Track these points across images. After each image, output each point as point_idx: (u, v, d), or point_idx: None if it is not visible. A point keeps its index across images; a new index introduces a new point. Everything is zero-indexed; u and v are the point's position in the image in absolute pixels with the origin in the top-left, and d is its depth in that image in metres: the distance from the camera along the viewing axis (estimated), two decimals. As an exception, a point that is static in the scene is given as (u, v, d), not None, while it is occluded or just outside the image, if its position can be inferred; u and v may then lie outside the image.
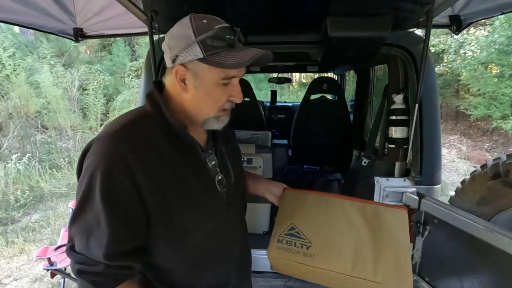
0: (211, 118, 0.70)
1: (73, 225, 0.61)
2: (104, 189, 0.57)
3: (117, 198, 0.59)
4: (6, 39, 5.35)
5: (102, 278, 0.60)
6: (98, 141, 0.62)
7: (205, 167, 0.74)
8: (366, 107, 2.43)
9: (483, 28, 6.62)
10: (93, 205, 0.58)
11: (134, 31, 1.79)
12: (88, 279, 0.60)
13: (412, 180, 1.38)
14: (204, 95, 0.67)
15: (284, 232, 0.83)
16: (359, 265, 0.77)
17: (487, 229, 0.84)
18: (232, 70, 0.65)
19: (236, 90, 0.68)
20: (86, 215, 0.59)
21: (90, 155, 0.61)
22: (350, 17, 1.15)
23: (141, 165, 0.60)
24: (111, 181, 0.58)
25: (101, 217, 0.58)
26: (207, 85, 0.66)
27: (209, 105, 0.68)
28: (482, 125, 6.93)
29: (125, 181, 0.59)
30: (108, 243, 0.58)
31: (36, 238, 3.21)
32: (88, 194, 0.59)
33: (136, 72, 8.29)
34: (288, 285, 1.44)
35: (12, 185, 4.22)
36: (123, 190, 0.59)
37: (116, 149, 0.60)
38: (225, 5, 1.16)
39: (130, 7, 1.18)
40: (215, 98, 0.67)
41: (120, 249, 0.60)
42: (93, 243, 0.59)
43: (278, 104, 4.13)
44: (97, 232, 0.58)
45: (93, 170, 0.58)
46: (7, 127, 5.20)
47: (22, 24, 1.51)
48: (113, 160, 0.59)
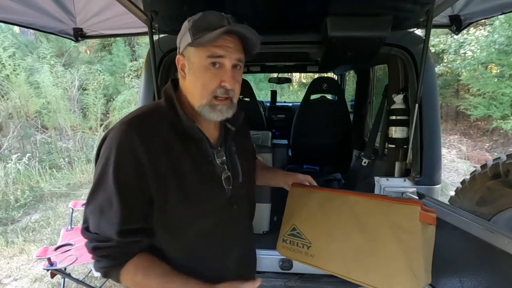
0: (205, 106, 0.70)
1: (88, 206, 0.67)
2: (116, 172, 0.63)
3: (127, 181, 0.64)
4: (6, 39, 5.34)
5: (114, 252, 0.65)
6: (114, 130, 0.67)
7: (212, 162, 0.75)
8: (366, 107, 2.43)
9: (483, 28, 6.62)
10: (106, 187, 0.64)
11: (134, 31, 1.79)
12: (102, 254, 0.65)
13: (412, 180, 1.38)
14: (195, 79, 0.69)
15: (287, 233, 0.87)
16: (356, 267, 0.77)
17: (487, 229, 0.84)
18: (215, 48, 0.66)
19: (227, 75, 0.68)
20: (99, 196, 0.65)
21: (106, 143, 0.67)
22: (350, 17, 1.15)
23: (147, 154, 0.65)
24: (121, 165, 0.63)
25: (113, 197, 0.63)
26: (197, 68, 0.68)
27: (200, 89, 0.69)
28: (482, 125, 6.93)
29: (133, 166, 0.64)
30: (119, 221, 0.63)
31: (36, 238, 3.21)
32: (102, 177, 0.64)
33: (136, 72, 8.28)
34: (288, 285, 1.44)
35: (12, 185, 4.22)
36: (131, 174, 0.64)
37: (127, 137, 0.65)
38: (225, 5, 1.16)
39: (130, 7, 1.18)
40: (204, 81, 0.68)
41: (130, 227, 0.65)
42: (105, 221, 0.64)
43: (278, 104, 4.13)
44: (109, 211, 0.64)
45: (108, 155, 0.64)
46: (7, 127, 5.20)
47: (22, 24, 1.51)
48: (124, 147, 0.64)
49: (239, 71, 0.73)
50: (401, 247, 0.72)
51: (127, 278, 0.66)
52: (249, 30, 0.68)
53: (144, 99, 1.51)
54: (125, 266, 0.66)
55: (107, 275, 0.68)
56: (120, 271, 0.66)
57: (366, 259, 0.76)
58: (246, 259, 0.91)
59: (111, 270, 0.67)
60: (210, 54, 0.67)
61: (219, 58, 0.67)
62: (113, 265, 0.66)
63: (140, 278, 0.66)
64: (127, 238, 0.65)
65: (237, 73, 0.71)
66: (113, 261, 0.66)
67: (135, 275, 0.66)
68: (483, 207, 1.48)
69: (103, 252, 0.65)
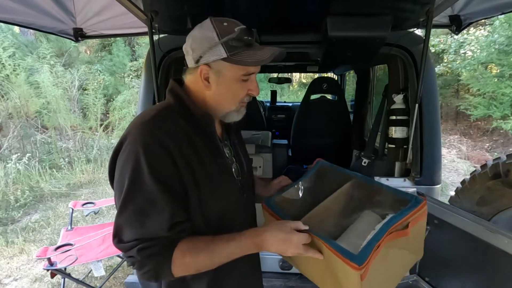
0: (232, 111, 0.78)
1: (121, 216, 0.65)
2: (151, 170, 0.63)
3: (165, 177, 0.65)
4: (6, 39, 5.34)
5: (163, 246, 0.65)
6: (131, 135, 0.67)
7: (223, 155, 0.80)
8: (366, 107, 2.43)
9: (483, 28, 6.62)
10: (144, 188, 0.63)
11: (134, 31, 1.79)
12: (150, 253, 0.64)
13: (412, 180, 1.38)
14: (226, 90, 0.74)
15: None
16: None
17: (487, 229, 0.84)
18: (251, 67, 0.72)
19: (254, 85, 0.76)
20: (137, 200, 0.64)
21: (126, 148, 0.66)
22: (350, 17, 1.15)
23: (175, 147, 0.67)
24: (155, 162, 0.64)
25: (156, 196, 0.63)
26: (229, 81, 0.73)
27: (231, 99, 0.76)
28: (482, 125, 6.93)
29: (167, 160, 0.65)
30: (168, 217, 0.64)
31: (36, 238, 3.21)
32: (135, 180, 0.63)
33: (136, 72, 8.28)
34: (288, 285, 1.44)
35: (12, 185, 4.22)
36: (167, 168, 0.65)
37: (152, 134, 0.66)
38: (225, 6, 1.16)
39: (130, 7, 1.18)
40: (236, 93, 0.75)
41: (178, 220, 0.66)
42: (150, 222, 0.64)
43: (278, 104, 4.13)
44: (153, 211, 0.64)
45: (136, 157, 0.63)
46: (7, 127, 5.20)
47: (22, 24, 1.51)
48: (152, 144, 0.65)
49: None
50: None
51: (178, 265, 0.66)
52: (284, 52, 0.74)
53: (144, 99, 1.51)
54: (173, 255, 0.66)
55: (158, 275, 0.66)
56: (171, 261, 0.65)
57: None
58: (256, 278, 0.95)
59: (161, 266, 0.66)
60: (246, 72, 0.72)
61: (251, 74, 0.74)
62: (163, 260, 0.65)
63: (188, 258, 0.66)
64: (174, 231, 0.66)
65: None
66: (162, 255, 0.65)
67: (183, 257, 0.66)
68: (483, 207, 1.48)
69: (151, 251, 0.64)
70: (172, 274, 0.66)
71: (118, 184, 0.66)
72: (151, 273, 0.65)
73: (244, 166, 0.88)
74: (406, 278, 1.13)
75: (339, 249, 0.68)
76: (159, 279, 0.67)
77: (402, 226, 0.73)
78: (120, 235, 0.65)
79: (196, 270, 0.69)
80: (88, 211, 2.41)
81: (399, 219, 0.73)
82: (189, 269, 0.68)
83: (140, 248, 0.63)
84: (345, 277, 0.69)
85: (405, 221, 0.73)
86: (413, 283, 1.11)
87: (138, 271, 0.66)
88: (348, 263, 0.65)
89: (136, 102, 5.19)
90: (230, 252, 0.69)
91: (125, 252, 0.65)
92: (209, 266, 0.69)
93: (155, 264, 0.65)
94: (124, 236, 0.65)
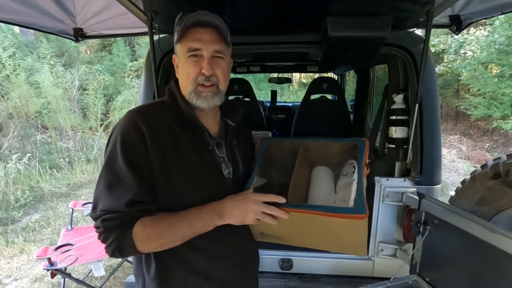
0: (191, 93, 0.77)
1: (96, 190, 0.70)
2: (123, 150, 0.68)
3: (134, 157, 0.69)
4: (6, 39, 5.35)
5: (122, 219, 0.67)
6: (119, 121, 0.74)
7: (211, 151, 0.81)
8: (366, 107, 2.43)
9: (483, 28, 6.62)
10: (115, 165, 0.68)
11: (134, 31, 1.79)
12: (110, 225, 0.67)
13: (412, 180, 1.38)
14: (182, 71, 0.79)
15: (256, 234, 0.89)
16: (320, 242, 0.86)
17: (488, 229, 0.84)
18: (190, 42, 0.74)
19: (204, 63, 0.75)
20: (108, 176, 0.69)
21: (114, 132, 0.73)
22: (350, 17, 1.15)
23: (150, 133, 0.71)
24: (127, 143, 0.69)
25: (123, 173, 0.68)
26: (181, 62, 0.78)
27: (185, 79, 0.78)
28: (482, 125, 6.93)
29: (139, 143, 0.70)
30: (128, 194, 0.67)
31: (36, 238, 3.21)
32: (110, 159, 0.69)
33: (136, 72, 8.29)
34: (288, 285, 1.44)
35: (12, 185, 4.23)
36: (138, 150, 0.70)
37: (131, 119, 0.72)
38: (225, 6, 1.15)
39: (130, 7, 1.18)
40: (188, 72, 0.77)
41: (138, 199, 0.68)
42: (113, 196, 0.67)
43: (278, 104, 4.13)
44: (117, 186, 0.68)
45: (115, 139, 0.70)
46: (7, 127, 5.20)
47: (22, 24, 1.51)
48: (128, 128, 0.71)
49: (222, 59, 0.78)
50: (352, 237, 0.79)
51: (139, 237, 0.68)
52: (214, 17, 0.75)
53: (144, 99, 1.51)
54: (134, 228, 0.68)
55: (121, 249, 0.68)
56: (132, 233, 0.67)
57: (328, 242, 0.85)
58: (249, 252, 0.92)
59: (122, 239, 0.67)
60: (188, 48, 0.75)
61: (196, 50, 0.75)
62: (122, 233, 0.67)
63: (150, 230, 0.68)
64: (135, 208, 0.68)
65: (218, 61, 0.77)
66: (121, 228, 0.67)
67: (145, 229, 0.68)
68: (483, 207, 1.48)
69: (112, 224, 0.67)
70: (136, 248, 0.68)
71: (103, 163, 0.73)
72: (114, 245, 0.67)
73: (240, 169, 0.87)
74: (406, 278, 1.13)
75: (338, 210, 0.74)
76: (124, 253, 0.69)
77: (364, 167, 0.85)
78: (95, 206, 0.70)
79: (159, 244, 0.70)
80: (88, 211, 2.41)
81: (362, 162, 0.84)
82: (151, 241, 0.69)
83: (103, 219, 0.67)
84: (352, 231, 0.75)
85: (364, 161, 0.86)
86: (413, 283, 1.11)
87: (104, 244, 0.69)
88: (352, 217, 0.71)
89: (136, 102, 5.19)
90: (191, 221, 0.71)
91: (95, 222, 0.69)
92: (171, 237, 0.70)
93: (116, 236, 0.67)
94: (97, 208, 0.69)
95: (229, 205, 0.74)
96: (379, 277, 1.44)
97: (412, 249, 1.16)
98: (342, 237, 0.79)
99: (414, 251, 1.14)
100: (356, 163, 0.86)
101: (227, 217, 0.73)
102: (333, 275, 1.49)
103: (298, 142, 1.00)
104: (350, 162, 0.92)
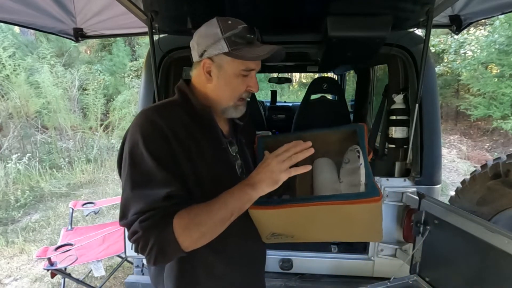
0: (230, 107, 0.79)
1: (124, 195, 0.67)
2: (147, 148, 0.66)
3: (160, 152, 0.67)
4: (6, 39, 5.34)
5: (161, 215, 0.64)
6: (132, 123, 0.72)
7: (226, 150, 0.81)
8: (366, 107, 2.43)
9: (483, 28, 6.62)
10: (141, 165, 0.66)
11: (134, 31, 1.79)
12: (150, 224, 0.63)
13: (412, 180, 1.38)
14: (226, 84, 0.77)
15: (267, 236, 0.88)
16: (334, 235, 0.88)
17: (487, 229, 0.84)
18: (251, 63, 0.75)
19: (253, 81, 0.78)
20: (136, 178, 0.66)
21: (129, 135, 0.70)
22: (350, 17, 1.15)
23: (171, 132, 0.70)
24: (150, 140, 0.67)
25: (151, 170, 0.65)
26: (229, 75, 0.76)
27: (229, 93, 0.78)
28: (482, 125, 6.93)
29: (161, 138, 0.68)
30: (164, 189, 0.64)
31: (36, 238, 3.21)
32: (134, 160, 0.67)
33: (136, 72, 8.28)
34: (288, 285, 1.44)
35: (12, 185, 4.23)
36: (162, 145, 0.68)
37: (147, 117, 0.71)
38: (225, 5, 1.15)
39: (130, 7, 1.18)
40: (235, 88, 0.77)
41: (173, 193, 0.65)
42: (146, 194, 0.65)
43: (278, 104, 4.13)
44: (149, 184, 0.65)
45: (134, 138, 0.68)
46: (7, 127, 5.20)
47: (22, 24, 1.51)
48: (146, 124, 0.69)
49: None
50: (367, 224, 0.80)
51: (180, 231, 0.63)
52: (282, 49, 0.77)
53: (144, 99, 1.51)
54: (173, 221, 0.64)
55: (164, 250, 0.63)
56: (173, 227, 0.63)
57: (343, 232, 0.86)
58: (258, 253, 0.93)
59: (164, 236, 0.63)
60: (246, 68, 0.75)
61: (252, 70, 0.77)
62: (163, 228, 0.63)
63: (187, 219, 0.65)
64: (173, 202, 0.65)
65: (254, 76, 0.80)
66: (162, 224, 0.63)
67: (182, 219, 0.64)
68: (483, 207, 1.48)
69: (151, 222, 0.62)
70: (178, 244, 0.63)
71: (123, 168, 0.70)
72: (157, 247, 0.62)
73: (250, 167, 0.87)
74: (406, 278, 1.13)
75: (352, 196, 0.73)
76: (167, 254, 0.64)
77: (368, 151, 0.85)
78: (125, 213, 0.66)
79: (201, 234, 0.65)
80: (88, 211, 2.41)
81: (365, 146, 0.84)
82: (192, 232, 0.64)
83: (141, 220, 0.63)
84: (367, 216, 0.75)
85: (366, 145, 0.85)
86: (413, 283, 1.11)
87: (144, 252, 0.64)
88: (368, 201, 0.70)
89: (136, 102, 5.19)
90: (225, 201, 0.68)
91: (129, 228, 0.65)
92: (211, 223, 0.66)
93: (157, 235, 0.62)
94: (128, 213, 0.66)
95: (254, 174, 0.71)
96: (379, 277, 1.44)
97: (412, 249, 1.16)
98: (357, 224, 0.79)
99: (414, 251, 1.14)
100: (359, 147, 0.85)
101: (258, 183, 0.69)
102: (333, 275, 1.49)
103: (295, 136, 1.00)
104: (353, 147, 0.90)
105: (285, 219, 0.80)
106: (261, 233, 0.87)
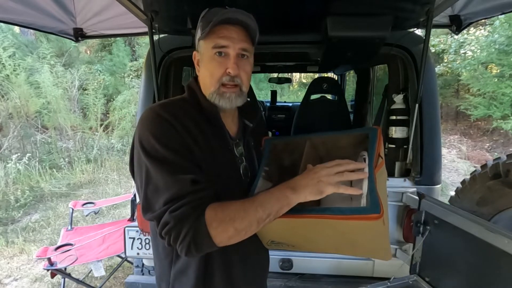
0: (214, 93, 0.74)
1: (147, 190, 0.65)
2: (160, 141, 0.64)
3: (174, 143, 0.66)
4: (6, 39, 5.34)
5: (192, 203, 0.62)
6: (140, 120, 0.69)
7: (231, 151, 0.79)
8: (366, 107, 2.43)
9: (483, 28, 6.62)
10: (158, 157, 0.64)
11: (134, 31, 1.79)
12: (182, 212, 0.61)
13: (412, 180, 1.38)
14: (205, 69, 0.75)
15: (267, 243, 0.85)
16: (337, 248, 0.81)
17: (488, 229, 0.84)
18: (218, 38, 0.70)
19: (230, 62, 0.72)
20: (158, 168, 0.64)
21: (137, 132, 0.68)
22: (350, 17, 1.15)
23: (177, 121, 0.68)
24: (161, 133, 0.66)
25: (171, 159, 0.64)
26: (205, 59, 0.74)
27: (209, 78, 0.74)
28: (482, 125, 6.94)
29: (172, 132, 0.67)
30: (188, 173, 0.63)
31: (36, 238, 3.21)
32: (149, 154, 0.65)
33: (136, 72, 8.28)
34: (288, 285, 1.44)
35: (12, 185, 4.23)
36: (173, 137, 0.66)
37: (158, 114, 0.68)
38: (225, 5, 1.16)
39: (130, 7, 1.18)
40: (212, 71, 0.73)
41: (197, 178, 0.64)
42: (174, 181, 0.62)
43: (278, 104, 4.13)
44: (173, 173, 0.63)
45: (145, 135, 0.66)
46: (7, 127, 5.20)
47: (22, 24, 1.51)
48: (156, 121, 0.67)
49: (246, 60, 0.75)
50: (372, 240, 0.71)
51: (212, 222, 0.61)
52: (245, 15, 0.71)
53: (144, 99, 1.51)
54: (206, 213, 0.62)
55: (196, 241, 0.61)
56: (205, 219, 0.61)
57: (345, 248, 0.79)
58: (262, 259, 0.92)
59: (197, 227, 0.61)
60: (214, 44, 0.71)
61: (223, 48, 0.71)
62: (196, 219, 0.61)
63: (221, 213, 0.63)
64: (200, 187, 0.64)
65: (243, 62, 0.74)
66: (194, 213, 0.61)
67: (216, 212, 0.62)
68: (483, 207, 1.48)
69: (183, 211, 0.60)
70: (210, 237, 0.61)
71: (136, 166, 0.68)
72: (190, 237, 0.60)
73: (256, 170, 0.85)
74: (406, 278, 1.13)
75: (347, 211, 0.64)
76: (200, 246, 0.62)
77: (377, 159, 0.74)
78: (151, 206, 0.64)
79: (235, 230, 0.62)
80: (88, 211, 2.42)
81: (374, 154, 0.74)
82: (226, 226, 0.62)
83: (171, 210, 0.61)
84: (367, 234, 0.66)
85: (377, 152, 0.75)
86: (413, 283, 1.11)
87: (176, 242, 0.62)
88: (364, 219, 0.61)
89: (136, 102, 5.19)
90: (262, 201, 0.64)
91: (158, 221, 0.63)
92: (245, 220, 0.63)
93: (190, 225, 0.60)
94: (155, 206, 0.64)
95: (298, 178, 0.67)
96: (379, 277, 1.44)
97: (412, 249, 1.16)
98: (359, 240, 0.71)
99: (414, 251, 1.14)
100: (366, 155, 0.76)
101: (302, 188, 0.64)
102: (333, 275, 1.49)
103: (304, 138, 0.94)
104: (361, 154, 0.82)
105: (281, 229, 0.76)
106: (261, 239, 0.85)
